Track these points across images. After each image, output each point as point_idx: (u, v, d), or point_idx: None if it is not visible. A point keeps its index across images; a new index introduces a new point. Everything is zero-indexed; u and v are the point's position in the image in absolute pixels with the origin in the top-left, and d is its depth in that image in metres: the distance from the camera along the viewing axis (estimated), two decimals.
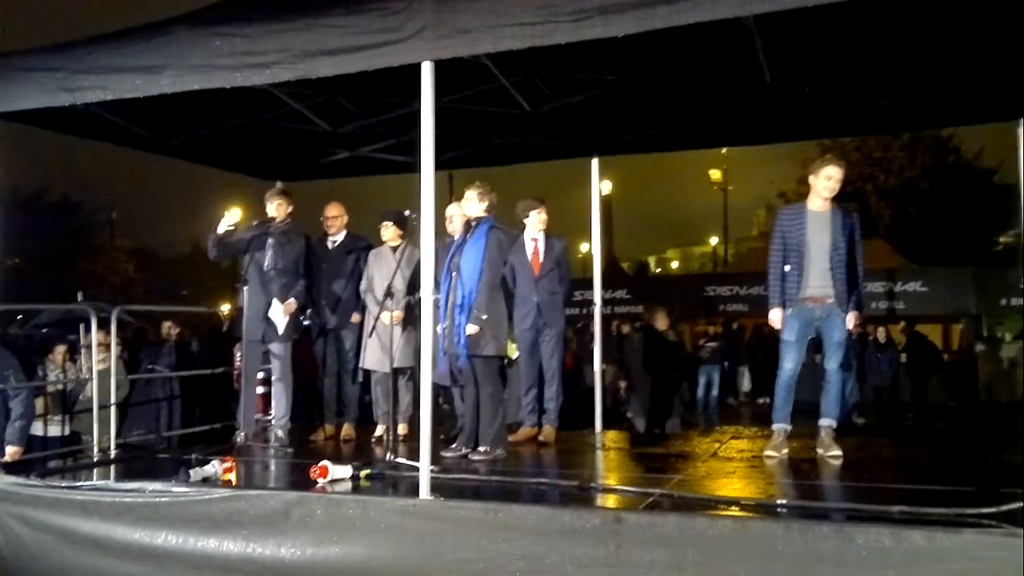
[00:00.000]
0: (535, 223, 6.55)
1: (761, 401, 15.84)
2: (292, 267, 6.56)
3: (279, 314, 6.44)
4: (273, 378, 6.72)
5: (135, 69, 4.84)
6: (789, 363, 5.58)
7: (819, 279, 5.50)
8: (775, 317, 5.58)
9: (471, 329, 5.55)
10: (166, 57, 4.77)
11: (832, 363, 5.61)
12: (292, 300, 6.48)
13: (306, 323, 7.05)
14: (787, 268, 5.58)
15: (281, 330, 6.46)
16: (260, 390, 7.46)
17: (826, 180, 5.50)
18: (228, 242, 6.54)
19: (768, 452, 5.60)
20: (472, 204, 5.83)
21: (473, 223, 5.82)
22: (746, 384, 17.44)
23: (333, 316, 6.88)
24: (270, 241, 6.49)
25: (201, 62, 4.69)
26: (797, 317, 5.53)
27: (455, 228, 6.31)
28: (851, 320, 5.56)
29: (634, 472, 5.66)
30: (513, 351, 6.76)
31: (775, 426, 5.68)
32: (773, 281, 5.59)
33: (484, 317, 5.59)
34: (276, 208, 6.60)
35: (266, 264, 6.48)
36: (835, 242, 5.49)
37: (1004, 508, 3.72)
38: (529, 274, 6.50)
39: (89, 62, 4.98)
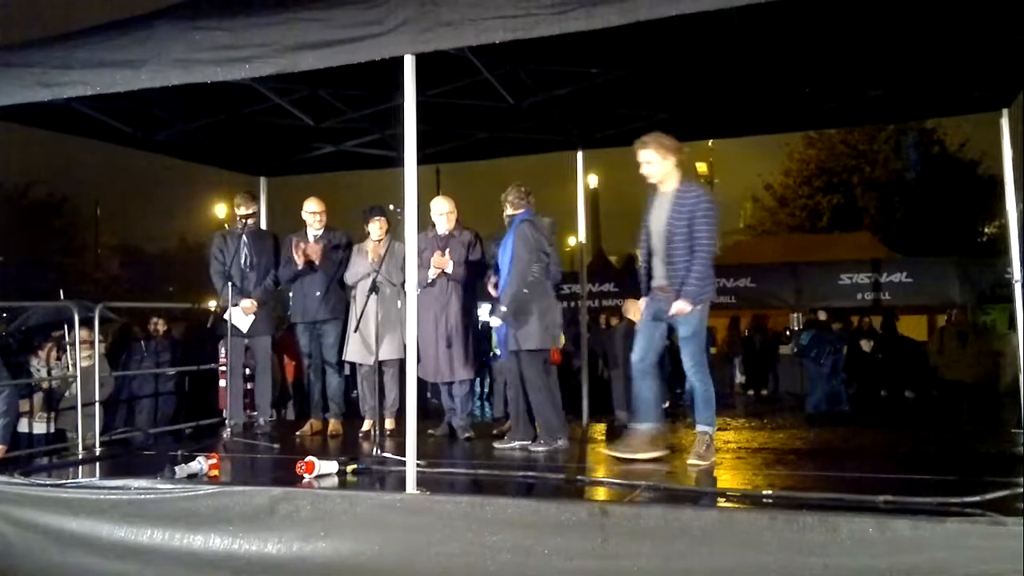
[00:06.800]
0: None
1: (751, 392, 16.06)
2: (265, 263, 7.02)
3: (240, 315, 6.86)
4: (257, 371, 7.17)
5: (115, 64, 4.82)
6: (635, 352, 5.24)
7: (659, 268, 5.15)
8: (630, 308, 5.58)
9: (494, 322, 5.76)
10: (146, 52, 4.74)
11: (687, 361, 5.05)
12: (248, 301, 6.86)
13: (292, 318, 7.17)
14: (639, 252, 5.32)
15: (245, 328, 6.88)
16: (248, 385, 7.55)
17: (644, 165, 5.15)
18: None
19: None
20: (505, 206, 6.04)
21: (507, 220, 6.01)
22: (738, 376, 17.55)
23: (318, 310, 6.87)
24: (244, 239, 6.94)
25: (182, 56, 4.66)
26: (650, 305, 5.22)
27: (442, 225, 6.43)
28: (675, 308, 4.95)
29: (621, 464, 5.65)
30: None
31: (640, 426, 5.22)
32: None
33: (504, 310, 5.70)
34: (247, 208, 7.02)
35: (242, 262, 6.94)
36: (670, 228, 4.99)
37: (988, 497, 3.74)
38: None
39: (68, 57, 4.94)
